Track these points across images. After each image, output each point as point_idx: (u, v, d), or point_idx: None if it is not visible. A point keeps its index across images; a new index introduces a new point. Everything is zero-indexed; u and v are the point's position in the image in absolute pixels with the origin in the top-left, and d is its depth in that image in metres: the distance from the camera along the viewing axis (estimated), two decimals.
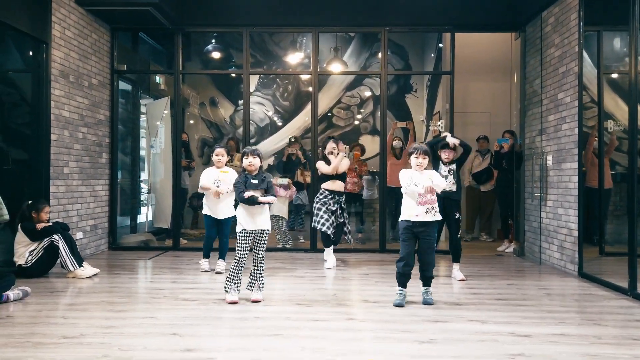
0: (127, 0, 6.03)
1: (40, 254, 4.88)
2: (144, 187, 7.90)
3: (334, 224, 5.69)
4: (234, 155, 7.64)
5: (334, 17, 6.80)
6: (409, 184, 3.93)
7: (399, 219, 4.04)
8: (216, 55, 9.15)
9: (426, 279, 4.06)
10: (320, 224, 5.67)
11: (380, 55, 6.97)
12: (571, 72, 5.45)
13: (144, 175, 7.94)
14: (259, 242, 4.09)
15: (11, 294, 3.99)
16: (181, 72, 6.88)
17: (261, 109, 9.68)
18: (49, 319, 3.53)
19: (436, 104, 8.63)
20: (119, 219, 7.33)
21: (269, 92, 9.69)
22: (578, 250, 5.25)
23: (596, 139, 5.59)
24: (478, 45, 8.18)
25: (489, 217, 8.20)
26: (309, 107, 7.18)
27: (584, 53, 5.33)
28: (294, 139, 7.97)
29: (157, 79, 8.32)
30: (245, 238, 4.02)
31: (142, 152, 7.87)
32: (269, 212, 4.16)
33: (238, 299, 4.03)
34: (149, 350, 2.93)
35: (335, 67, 8.61)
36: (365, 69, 9.23)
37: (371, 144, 8.77)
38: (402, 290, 3.99)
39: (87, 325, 3.36)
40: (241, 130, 6.97)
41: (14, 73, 5.85)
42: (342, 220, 5.79)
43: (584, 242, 5.30)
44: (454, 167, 5.03)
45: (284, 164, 7.66)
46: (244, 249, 4.03)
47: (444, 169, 5.00)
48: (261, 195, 3.97)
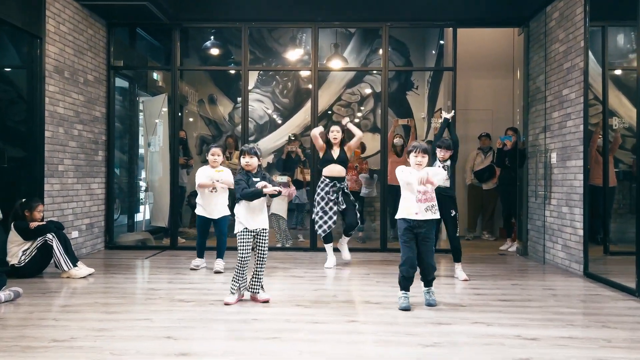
0: None
1: (33, 253, 4.77)
2: (143, 185, 7.80)
3: (330, 220, 5.47)
4: (233, 153, 7.54)
5: (334, 12, 6.66)
6: (407, 175, 3.78)
7: (397, 217, 3.87)
8: (215, 51, 9.03)
9: (427, 281, 3.95)
10: (318, 225, 5.52)
11: (381, 51, 6.85)
12: (576, 68, 5.33)
13: (143, 174, 7.83)
14: (261, 241, 3.99)
15: (2, 295, 3.87)
16: (179, 69, 6.75)
17: (260, 106, 9.57)
18: (40, 321, 3.42)
19: (437, 100, 8.53)
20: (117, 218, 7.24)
21: (268, 89, 9.58)
22: (583, 249, 5.14)
23: (600, 136, 5.51)
24: (480, 42, 8.06)
25: (491, 216, 8.10)
26: (308, 105, 7.07)
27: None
28: (293, 137, 7.87)
29: (155, 75, 8.21)
30: (247, 238, 3.92)
31: (141, 150, 7.76)
32: (267, 210, 4.06)
33: (236, 301, 3.93)
34: (141, 355, 2.82)
35: (336, 64, 8.49)
36: (365, 65, 9.12)
37: (372, 141, 8.66)
38: (405, 294, 3.85)
39: (78, 328, 3.25)
40: (240, 127, 6.85)
41: (8, 69, 5.73)
42: (344, 207, 5.52)
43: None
44: (448, 163, 4.95)
45: (284, 162, 7.56)
46: (246, 248, 3.93)
47: (439, 164, 4.95)
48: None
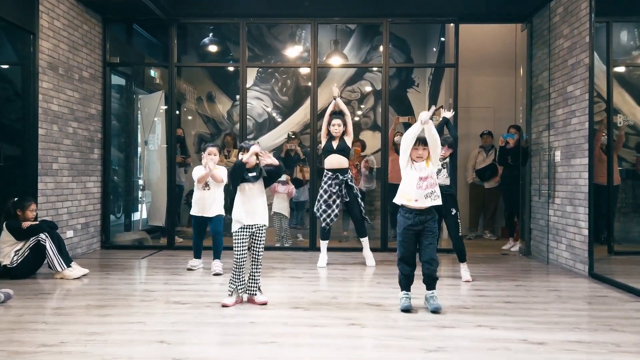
0: None
1: (26, 253, 4.66)
2: (141, 183, 7.68)
3: (332, 213, 5.39)
4: (231, 151, 7.43)
5: (333, 8, 6.54)
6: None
7: (395, 201, 3.65)
8: (213, 48, 8.91)
9: (430, 280, 3.68)
10: (318, 214, 5.47)
11: (381, 48, 6.73)
12: (581, 64, 5.22)
13: (141, 172, 7.71)
14: (257, 239, 3.85)
15: None
16: (176, 65, 6.63)
17: (259, 104, 9.47)
18: (30, 324, 3.31)
19: (439, 98, 8.42)
20: (113, 217, 7.13)
21: (267, 87, 9.47)
22: (588, 249, 5.02)
23: (603, 134, 5.40)
24: (481, 38, 7.94)
25: (492, 215, 8.00)
26: (308, 102, 6.95)
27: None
28: (293, 135, 7.75)
29: (152, 72, 8.09)
30: (242, 236, 3.80)
31: (140, 148, 7.63)
32: (266, 205, 3.92)
33: (234, 302, 3.81)
34: None
35: (335, 61, 8.37)
36: (366, 62, 9.00)
37: (372, 139, 8.56)
38: (407, 294, 3.71)
39: (69, 331, 3.14)
40: (238, 125, 6.74)
41: (5, 67, 5.62)
42: (347, 199, 5.41)
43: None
44: (447, 160, 4.82)
45: (283, 160, 7.45)
46: (242, 248, 3.81)
47: (438, 164, 4.82)
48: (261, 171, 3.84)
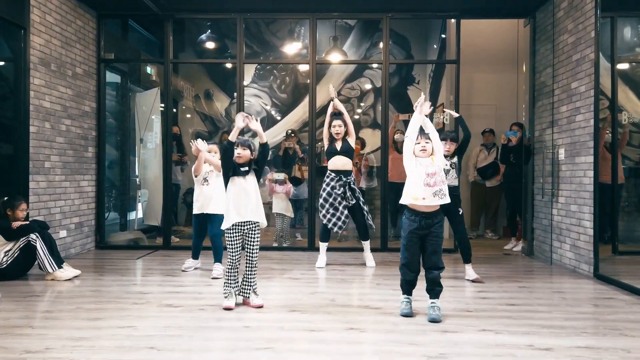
0: None
1: (16, 254, 4.53)
2: (137, 182, 7.55)
3: (343, 215, 5.25)
4: None
5: (332, 3, 6.39)
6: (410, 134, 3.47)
7: (401, 201, 3.48)
8: (210, 45, 8.78)
9: (433, 288, 3.49)
10: (327, 219, 5.30)
11: (381, 44, 6.59)
12: (586, 60, 5.09)
13: (137, 170, 7.58)
14: (251, 238, 3.70)
15: None
16: (171, 61, 6.48)
17: (258, 101, 9.34)
18: (15, 329, 3.18)
19: (440, 95, 8.30)
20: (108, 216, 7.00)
21: (265, 84, 9.34)
22: (593, 250, 4.90)
23: (607, 132, 5.28)
24: (483, 34, 7.80)
25: (494, 214, 7.88)
26: (307, 100, 6.82)
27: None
28: (291, 133, 7.63)
29: (149, 69, 7.95)
30: (234, 234, 3.67)
31: (136, 146, 7.50)
32: (260, 202, 3.75)
33: (235, 304, 3.70)
34: None
35: (335, 57, 8.24)
36: (365, 59, 8.87)
37: (372, 137, 8.44)
38: (407, 298, 3.57)
39: (56, 337, 3.01)
40: None
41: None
42: (353, 202, 5.27)
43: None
44: (455, 160, 4.68)
45: (281, 159, 7.32)
46: (235, 247, 3.68)
47: (445, 162, 4.64)
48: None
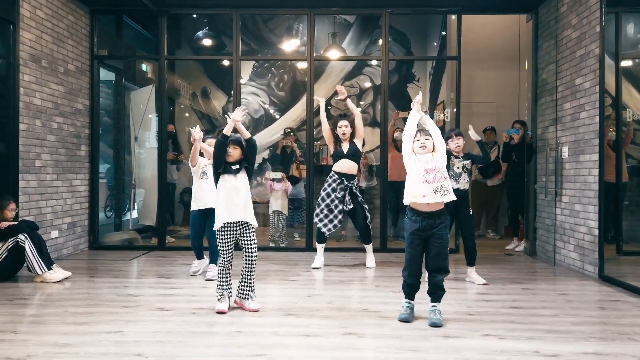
0: None
1: (4, 255, 4.40)
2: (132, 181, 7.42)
3: (335, 219, 5.14)
4: None
5: None
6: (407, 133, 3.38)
7: (405, 202, 3.33)
8: (207, 42, 8.64)
9: (435, 291, 3.35)
10: (319, 218, 5.19)
11: (381, 41, 6.44)
12: (591, 55, 4.95)
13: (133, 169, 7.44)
14: (247, 239, 3.55)
15: None
16: (166, 58, 6.35)
17: (256, 99, 9.20)
18: None
19: (440, 93, 8.16)
20: (103, 216, 6.87)
21: (263, 82, 9.20)
22: (598, 250, 4.77)
23: (610, 130, 5.15)
24: (484, 31, 7.67)
25: (495, 213, 7.75)
26: (305, 98, 6.68)
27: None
28: (289, 131, 7.49)
29: (144, 67, 7.82)
30: (226, 234, 3.52)
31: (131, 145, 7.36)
32: (251, 202, 3.58)
33: (228, 308, 3.56)
34: None
35: (333, 54, 8.10)
36: (365, 56, 8.74)
37: (371, 136, 8.29)
38: (409, 303, 3.42)
39: (39, 343, 2.88)
40: None
41: None
42: (351, 206, 5.15)
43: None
44: (468, 163, 4.49)
45: (279, 157, 7.20)
46: (227, 247, 3.54)
47: (457, 165, 4.45)
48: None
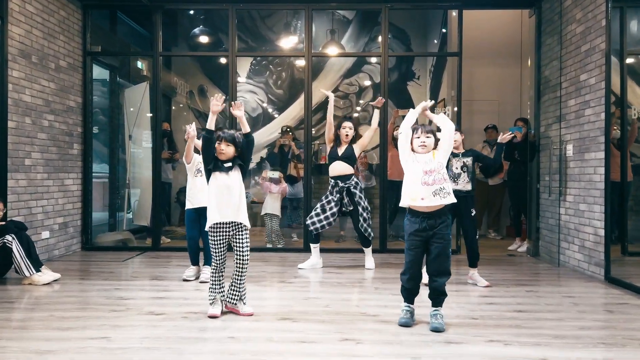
0: None
1: None
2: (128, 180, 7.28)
3: (325, 220, 5.01)
4: None
5: None
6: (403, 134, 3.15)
7: (401, 204, 3.18)
8: (204, 39, 8.51)
9: (437, 296, 3.19)
10: (311, 222, 5.08)
11: (380, 38, 6.29)
12: (596, 50, 4.81)
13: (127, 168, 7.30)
14: (239, 241, 3.38)
15: None
16: (161, 54, 6.20)
17: (253, 97, 9.08)
18: None
19: (440, 91, 8.03)
20: (97, 216, 6.73)
21: (261, 80, 9.08)
22: (605, 251, 4.62)
23: (615, 128, 5.01)
24: (485, 27, 7.53)
25: (497, 213, 7.61)
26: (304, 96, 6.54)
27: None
28: (287, 129, 7.35)
29: (139, 64, 7.67)
30: (217, 235, 3.36)
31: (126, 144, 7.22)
32: (244, 202, 3.42)
33: (221, 312, 3.41)
34: None
35: (332, 51, 7.96)
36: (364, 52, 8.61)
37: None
38: (408, 307, 3.27)
39: (19, 350, 2.73)
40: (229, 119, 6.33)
41: None
42: (351, 208, 5.02)
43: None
44: (469, 161, 4.26)
45: (276, 156, 7.06)
46: (219, 248, 3.38)
47: (455, 165, 4.26)
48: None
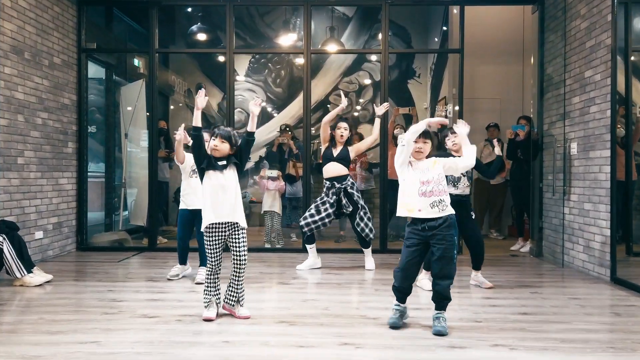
0: None
1: None
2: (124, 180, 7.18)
3: (320, 221, 4.88)
4: None
5: None
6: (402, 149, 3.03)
7: (398, 214, 3.08)
8: (202, 37, 8.39)
9: (440, 300, 3.07)
10: (305, 222, 4.93)
11: (380, 35, 6.18)
12: (602, 46, 4.70)
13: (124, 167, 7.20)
14: (235, 242, 3.26)
15: None
16: (157, 51, 6.09)
17: (252, 96, 8.96)
18: None
19: (441, 89, 7.92)
20: (93, 216, 6.63)
21: (260, 78, 8.97)
22: (610, 251, 4.52)
23: (618, 126, 4.90)
24: (486, 24, 7.42)
25: (499, 213, 7.50)
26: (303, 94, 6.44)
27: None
28: (285, 128, 7.24)
29: (136, 62, 7.56)
30: (213, 237, 3.25)
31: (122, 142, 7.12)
32: (240, 201, 3.30)
33: (216, 315, 3.30)
34: None
35: (331, 49, 7.85)
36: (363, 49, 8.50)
37: (371, 133, 8.05)
38: (398, 306, 3.16)
39: (5, 355, 2.62)
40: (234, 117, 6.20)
41: None
42: (350, 209, 4.91)
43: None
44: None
45: (274, 155, 6.95)
46: (215, 250, 3.27)
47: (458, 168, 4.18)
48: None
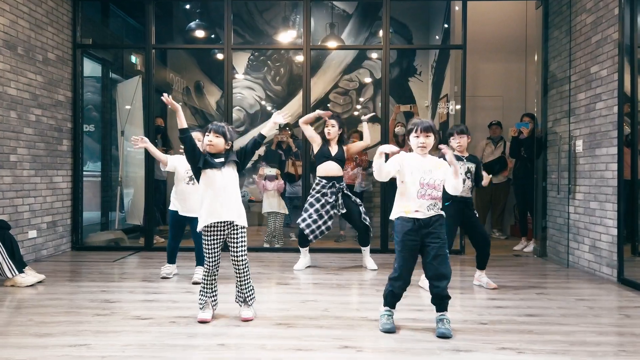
0: None
1: None
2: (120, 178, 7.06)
3: (324, 225, 4.75)
4: None
5: None
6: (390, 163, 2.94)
7: (392, 217, 3.01)
8: (200, 34, 8.28)
9: (440, 301, 2.97)
10: (306, 224, 4.76)
11: (381, 32, 6.06)
12: (608, 40, 4.59)
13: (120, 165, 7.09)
14: (233, 242, 3.14)
15: None
16: (153, 47, 5.97)
17: (251, 94, 8.86)
18: None
19: (443, 87, 7.81)
20: (89, 215, 6.52)
21: (259, 76, 8.86)
22: (618, 251, 4.41)
23: (624, 124, 4.79)
24: (488, 21, 7.30)
25: (501, 212, 7.39)
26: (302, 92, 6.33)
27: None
28: (284, 125, 7.13)
29: (133, 58, 7.45)
30: (211, 237, 3.13)
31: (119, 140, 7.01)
32: (239, 199, 3.19)
33: (211, 317, 3.19)
34: None
35: (331, 45, 7.74)
36: (364, 51, 8.39)
37: (371, 131, 7.94)
38: (389, 312, 3.06)
39: None
40: (233, 115, 6.09)
41: None
42: (344, 211, 4.82)
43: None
44: (473, 168, 4.06)
45: (273, 153, 6.84)
46: (213, 250, 3.15)
47: (460, 169, 4.07)
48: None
